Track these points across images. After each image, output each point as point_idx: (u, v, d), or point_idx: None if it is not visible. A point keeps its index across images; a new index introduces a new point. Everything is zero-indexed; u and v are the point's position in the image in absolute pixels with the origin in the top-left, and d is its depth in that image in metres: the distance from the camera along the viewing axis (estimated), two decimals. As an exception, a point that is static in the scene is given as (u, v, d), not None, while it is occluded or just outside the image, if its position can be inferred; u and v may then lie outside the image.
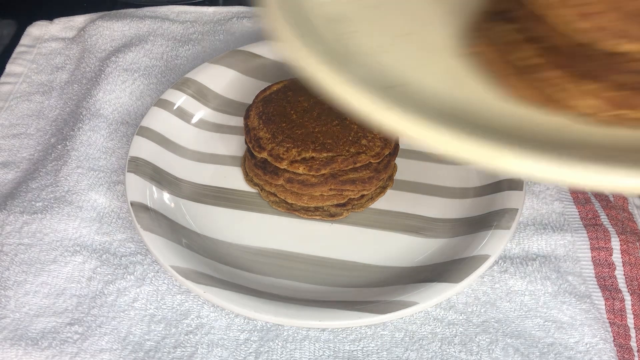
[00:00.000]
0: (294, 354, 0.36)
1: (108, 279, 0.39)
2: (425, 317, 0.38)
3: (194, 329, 0.37)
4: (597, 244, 0.41)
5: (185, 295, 0.39)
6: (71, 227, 0.42)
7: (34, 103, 0.52)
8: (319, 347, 0.36)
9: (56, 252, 0.40)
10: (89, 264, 0.40)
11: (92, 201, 0.44)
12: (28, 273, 0.39)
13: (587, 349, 0.36)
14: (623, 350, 0.37)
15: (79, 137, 0.47)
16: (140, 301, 0.38)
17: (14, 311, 0.38)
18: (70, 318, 0.37)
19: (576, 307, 0.38)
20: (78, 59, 0.56)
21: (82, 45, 0.57)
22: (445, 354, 0.36)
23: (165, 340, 0.37)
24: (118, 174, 0.46)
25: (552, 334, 0.37)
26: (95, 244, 0.41)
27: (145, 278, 0.39)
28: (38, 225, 0.42)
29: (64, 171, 0.45)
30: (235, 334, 0.37)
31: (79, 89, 0.53)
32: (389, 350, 0.36)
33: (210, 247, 0.41)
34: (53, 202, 0.43)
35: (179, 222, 0.41)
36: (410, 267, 0.40)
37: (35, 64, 0.56)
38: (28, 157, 0.48)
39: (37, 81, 0.54)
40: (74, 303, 0.38)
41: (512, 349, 0.36)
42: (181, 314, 0.38)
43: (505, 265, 0.40)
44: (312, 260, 0.40)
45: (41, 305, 0.38)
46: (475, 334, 0.37)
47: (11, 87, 0.54)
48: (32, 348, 0.36)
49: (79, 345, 0.36)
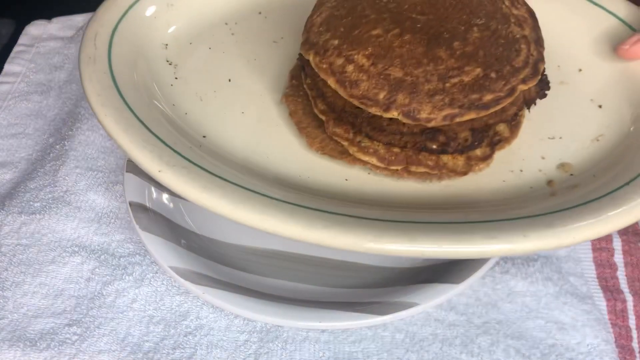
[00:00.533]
0: (294, 355, 0.36)
1: (107, 279, 0.39)
2: (426, 318, 0.38)
3: (193, 330, 0.37)
4: (598, 245, 0.41)
5: (184, 296, 0.38)
6: (69, 227, 0.42)
7: (32, 103, 0.52)
8: (319, 349, 0.36)
9: (54, 253, 0.40)
10: (88, 264, 0.40)
11: (91, 201, 0.43)
12: (26, 274, 0.39)
13: (589, 350, 0.36)
14: (625, 352, 0.37)
15: (77, 137, 0.47)
16: (139, 302, 0.38)
17: (12, 312, 0.37)
18: (68, 319, 0.37)
19: (578, 308, 0.38)
20: (77, 58, 0.56)
21: (81, 45, 0.57)
22: (446, 355, 0.36)
23: (164, 341, 0.36)
24: (117, 174, 0.46)
25: (554, 335, 0.37)
26: (93, 244, 0.41)
27: (144, 279, 0.39)
28: (36, 225, 0.42)
29: (63, 171, 0.45)
30: (235, 335, 0.37)
31: (78, 88, 0.53)
32: (389, 352, 0.36)
33: (209, 248, 0.40)
34: (51, 202, 0.43)
35: (178, 223, 0.41)
36: (410, 268, 0.40)
37: (33, 64, 0.56)
38: (26, 157, 0.48)
39: (35, 81, 0.54)
40: (73, 304, 0.38)
41: (513, 350, 0.36)
42: (180, 315, 0.38)
43: (506, 266, 0.40)
44: (312, 261, 0.40)
45: (39, 306, 0.38)
46: (476, 335, 0.37)
47: (9, 86, 0.53)
48: (30, 349, 0.36)
49: (77, 346, 0.36)
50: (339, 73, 0.35)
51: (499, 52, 0.35)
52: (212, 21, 0.47)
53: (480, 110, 0.34)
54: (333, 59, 0.36)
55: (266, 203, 0.32)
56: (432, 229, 0.31)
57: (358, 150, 0.37)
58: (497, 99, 0.34)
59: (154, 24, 0.45)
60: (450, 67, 0.34)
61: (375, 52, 0.35)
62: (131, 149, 0.34)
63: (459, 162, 0.37)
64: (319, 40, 0.37)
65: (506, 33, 0.36)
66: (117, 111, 0.36)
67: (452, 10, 0.37)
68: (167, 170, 0.33)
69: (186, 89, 0.42)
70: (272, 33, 0.47)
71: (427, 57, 0.35)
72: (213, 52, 0.45)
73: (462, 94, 0.34)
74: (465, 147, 0.36)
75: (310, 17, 0.40)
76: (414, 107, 0.34)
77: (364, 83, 0.35)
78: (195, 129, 0.39)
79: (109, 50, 0.40)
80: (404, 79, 0.34)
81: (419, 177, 0.38)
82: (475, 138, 0.36)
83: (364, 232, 0.31)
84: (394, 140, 0.36)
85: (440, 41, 0.35)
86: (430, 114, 0.34)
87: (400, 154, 0.37)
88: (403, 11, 0.37)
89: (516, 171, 0.38)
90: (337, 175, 0.38)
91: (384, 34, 0.36)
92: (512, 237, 0.30)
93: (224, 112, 0.41)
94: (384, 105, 0.34)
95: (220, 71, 0.44)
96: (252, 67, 0.44)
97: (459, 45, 0.35)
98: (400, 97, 0.34)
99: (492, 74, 0.34)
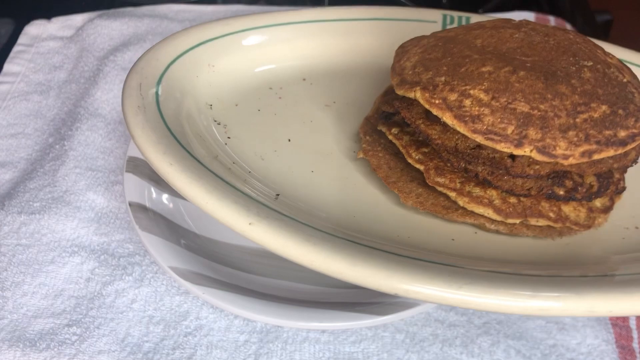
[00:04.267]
0: (294, 355, 0.36)
1: (106, 280, 0.39)
2: (426, 319, 0.37)
3: (192, 331, 0.37)
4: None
5: (184, 297, 0.38)
6: (69, 227, 0.42)
7: (32, 102, 0.52)
8: (319, 349, 0.36)
9: (54, 253, 0.40)
10: (87, 264, 0.40)
11: (90, 201, 0.43)
12: (26, 274, 0.39)
13: (589, 350, 0.36)
14: (625, 352, 0.37)
15: (77, 137, 0.47)
16: (139, 302, 0.38)
17: (11, 312, 0.37)
18: (68, 319, 0.37)
19: (578, 308, 0.38)
20: (76, 58, 0.56)
21: (81, 44, 0.57)
22: (446, 356, 0.36)
23: (164, 341, 0.36)
24: (116, 173, 0.46)
25: (554, 335, 0.37)
26: (93, 244, 0.41)
27: (143, 279, 0.39)
28: (36, 225, 0.42)
29: (62, 171, 0.45)
30: (235, 336, 0.37)
31: (77, 88, 0.53)
32: (389, 352, 0.36)
33: (209, 248, 0.40)
34: (51, 202, 0.43)
35: (178, 223, 0.41)
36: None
37: (33, 63, 0.55)
38: (26, 157, 0.48)
39: (35, 80, 0.54)
40: (72, 304, 0.38)
41: (513, 350, 0.36)
42: (180, 315, 0.37)
43: (506, 266, 0.40)
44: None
45: (39, 307, 0.38)
46: (476, 335, 0.37)
47: (9, 86, 0.53)
48: (30, 349, 0.35)
49: (77, 346, 0.36)
50: (456, 108, 0.31)
51: (616, 92, 0.33)
52: (256, 85, 0.46)
53: (617, 147, 0.31)
54: (446, 94, 0.32)
55: (385, 257, 0.28)
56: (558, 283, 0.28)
57: (470, 201, 0.33)
58: (632, 135, 0.32)
59: (196, 83, 0.43)
60: (576, 103, 0.31)
61: (492, 87, 0.32)
62: (217, 205, 0.29)
63: (581, 213, 0.34)
64: (420, 78, 0.34)
65: (614, 76, 0.34)
66: (184, 161, 0.32)
67: (554, 53, 0.34)
68: (258, 222, 0.29)
69: (243, 148, 0.40)
70: (322, 98, 0.46)
71: (549, 92, 0.32)
72: (263, 114, 0.44)
73: (595, 129, 0.31)
74: (592, 194, 0.33)
75: (397, 62, 0.37)
76: (549, 143, 0.30)
77: (487, 117, 0.31)
78: (265, 186, 0.36)
79: (157, 101, 0.37)
80: (531, 113, 0.31)
81: (538, 233, 0.34)
82: (602, 184, 0.33)
83: (521, 289, 0.27)
84: (515, 187, 0.33)
85: (557, 78, 0.32)
86: (567, 150, 0.30)
87: (519, 205, 0.33)
88: (504, 53, 0.34)
89: (631, 228, 0.36)
90: (441, 234, 0.34)
91: (495, 70, 0.32)
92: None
93: (291, 172, 0.39)
94: (514, 140, 0.30)
95: (276, 131, 0.42)
96: (310, 128, 0.43)
97: (577, 83, 0.32)
98: (531, 131, 0.31)
99: (619, 111, 0.32)
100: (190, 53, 0.44)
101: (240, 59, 0.47)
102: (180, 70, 0.42)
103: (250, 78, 0.47)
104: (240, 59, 0.47)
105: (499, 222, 0.34)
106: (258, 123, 0.43)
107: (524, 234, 0.34)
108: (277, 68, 0.48)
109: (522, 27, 0.36)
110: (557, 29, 0.37)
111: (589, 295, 0.27)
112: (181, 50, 0.44)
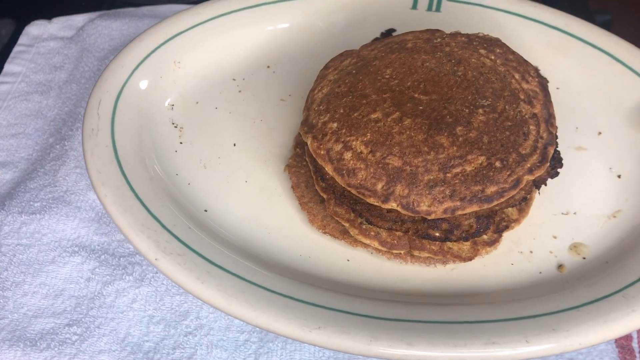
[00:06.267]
0: (294, 355, 0.36)
1: (107, 279, 0.39)
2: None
3: (193, 330, 0.37)
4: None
5: (184, 296, 0.38)
6: (70, 227, 0.42)
7: (33, 103, 0.52)
8: (319, 349, 0.36)
9: (54, 253, 0.40)
10: (88, 264, 0.40)
11: (91, 201, 0.43)
12: (26, 274, 0.39)
13: (589, 350, 0.36)
14: (625, 352, 0.37)
15: (77, 137, 0.47)
16: (139, 302, 0.38)
17: (12, 312, 0.37)
18: (68, 319, 0.37)
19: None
20: (77, 58, 0.56)
21: (81, 45, 0.57)
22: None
23: (164, 341, 0.36)
24: (117, 174, 0.46)
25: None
26: (93, 244, 0.41)
27: (144, 279, 0.39)
28: (36, 225, 0.42)
29: (63, 171, 0.45)
30: (235, 335, 0.37)
31: (78, 88, 0.53)
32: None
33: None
34: (51, 202, 0.43)
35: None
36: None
37: (33, 64, 0.56)
38: (26, 157, 0.48)
39: (35, 81, 0.54)
40: (73, 304, 0.38)
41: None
42: (180, 315, 0.38)
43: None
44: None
45: (40, 306, 0.38)
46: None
47: (9, 86, 0.53)
48: (30, 349, 0.36)
49: (77, 346, 0.36)
50: (336, 161, 0.34)
51: (505, 136, 0.34)
52: (220, 77, 0.47)
53: (482, 204, 0.33)
54: (331, 145, 0.35)
55: (260, 297, 0.32)
56: (430, 331, 0.31)
57: (359, 233, 0.37)
58: (500, 191, 0.33)
59: (160, 84, 0.45)
60: (451, 156, 0.33)
61: (373, 139, 0.34)
62: (129, 233, 0.35)
63: (464, 247, 0.36)
64: (317, 121, 0.36)
65: (514, 114, 0.35)
66: (118, 190, 0.36)
67: (456, 89, 0.35)
68: (163, 258, 0.34)
69: (191, 155, 0.43)
70: (280, 89, 0.47)
71: (427, 144, 0.33)
72: (219, 113, 0.45)
73: (463, 185, 0.32)
74: (469, 235, 0.35)
75: (312, 91, 0.39)
76: (413, 199, 0.33)
77: (361, 172, 0.34)
78: (197, 202, 0.40)
79: (112, 119, 0.40)
80: (403, 168, 0.33)
81: (422, 262, 0.37)
82: (481, 225, 0.35)
83: (359, 334, 0.31)
84: (395, 227, 0.35)
85: (442, 126, 0.34)
86: (430, 207, 0.33)
87: (403, 238, 0.36)
88: (405, 90, 0.36)
89: (526, 252, 0.37)
90: (338, 256, 0.38)
91: (383, 118, 0.35)
92: (513, 343, 0.30)
93: (227, 181, 0.41)
94: (382, 196, 0.33)
95: (225, 134, 0.44)
96: (258, 128, 0.45)
97: (462, 131, 0.34)
98: (399, 188, 0.33)
99: (496, 163, 0.33)
100: (156, 52, 0.45)
101: (207, 50, 0.47)
102: (143, 74, 0.44)
103: (215, 70, 0.47)
104: (207, 50, 0.47)
105: (385, 252, 0.37)
106: (212, 124, 0.45)
107: (409, 263, 0.37)
108: (243, 56, 0.48)
109: (440, 50, 0.38)
110: (478, 50, 0.38)
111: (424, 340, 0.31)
112: (148, 51, 0.45)
